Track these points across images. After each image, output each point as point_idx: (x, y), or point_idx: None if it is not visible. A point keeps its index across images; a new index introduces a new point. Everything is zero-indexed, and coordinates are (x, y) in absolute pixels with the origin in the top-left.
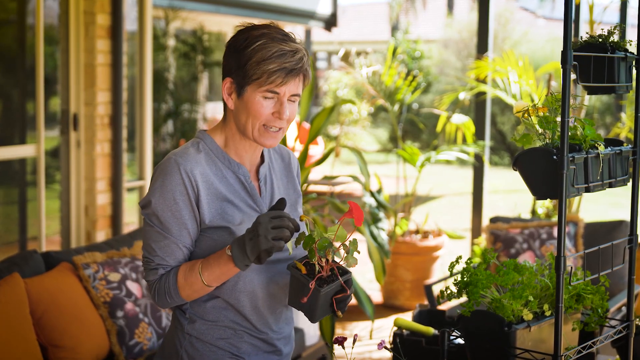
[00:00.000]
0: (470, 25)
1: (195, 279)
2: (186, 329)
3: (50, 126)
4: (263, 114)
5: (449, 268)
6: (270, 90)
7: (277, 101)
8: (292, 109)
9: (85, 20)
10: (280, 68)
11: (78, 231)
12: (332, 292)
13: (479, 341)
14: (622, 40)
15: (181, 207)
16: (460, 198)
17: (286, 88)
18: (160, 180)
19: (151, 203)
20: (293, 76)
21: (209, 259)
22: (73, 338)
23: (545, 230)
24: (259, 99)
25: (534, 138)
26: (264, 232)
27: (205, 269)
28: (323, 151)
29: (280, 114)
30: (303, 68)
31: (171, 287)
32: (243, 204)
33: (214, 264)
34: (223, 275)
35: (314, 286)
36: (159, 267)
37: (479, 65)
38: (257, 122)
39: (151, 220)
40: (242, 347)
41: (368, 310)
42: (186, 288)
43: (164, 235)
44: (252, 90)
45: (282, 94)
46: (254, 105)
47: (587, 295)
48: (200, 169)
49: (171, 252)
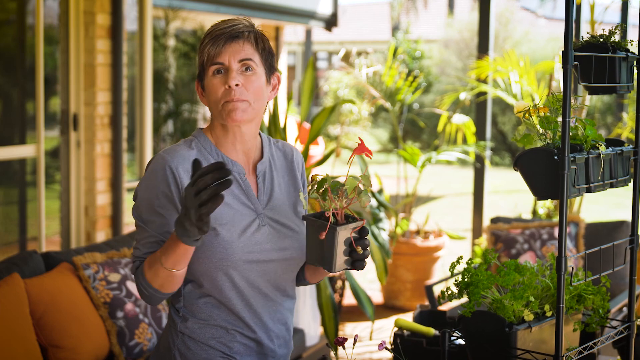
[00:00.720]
0: (471, 25)
1: (158, 266)
2: (179, 328)
3: (50, 126)
4: (217, 90)
5: (450, 268)
6: (213, 63)
7: (225, 72)
8: (247, 80)
9: (85, 20)
10: (212, 37)
11: (78, 231)
12: (349, 234)
13: (480, 342)
14: (623, 40)
15: (163, 203)
16: (461, 198)
17: (227, 56)
18: (146, 175)
19: (137, 198)
20: (229, 41)
21: (165, 244)
22: (73, 338)
23: (546, 230)
24: (211, 79)
25: (535, 138)
26: (190, 203)
27: (163, 254)
28: (324, 151)
29: (227, 79)
30: (242, 35)
31: (141, 277)
32: (235, 202)
33: (169, 247)
34: (181, 256)
35: (330, 221)
36: (136, 260)
37: (480, 65)
38: (217, 103)
39: (135, 214)
40: (234, 347)
41: (368, 311)
42: (154, 278)
43: (145, 229)
44: (207, 77)
45: (226, 63)
46: (209, 88)
47: (588, 295)
48: (187, 166)
49: (149, 246)
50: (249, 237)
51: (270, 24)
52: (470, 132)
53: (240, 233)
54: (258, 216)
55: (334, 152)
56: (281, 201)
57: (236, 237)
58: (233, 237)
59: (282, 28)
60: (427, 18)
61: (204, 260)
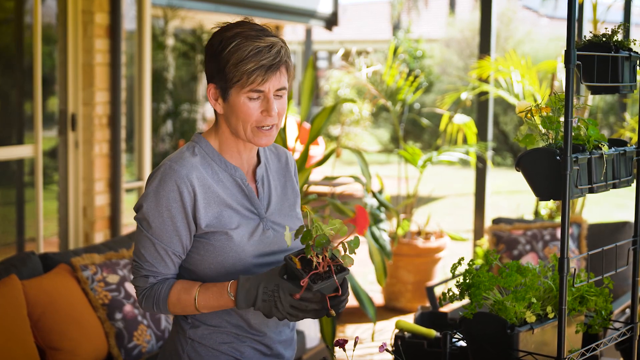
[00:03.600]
0: (473, 24)
1: (189, 303)
2: (188, 334)
3: (48, 126)
4: (252, 115)
5: (451, 270)
6: (253, 90)
7: (264, 99)
8: (281, 104)
9: (83, 19)
10: (259, 66)
11: (76, 232)
12: (328, 290)
13: (482, 344)
14: (626, 40)
15: (174, 214)
16: (463, 199)
17: (269, 84)
18: (154, 185)
19: (143, 208)
20: (273, 71)
21: (208, 290)
22: (71, 340)
23: (549, 231)
24: (245, 100)
25: (537, 138)
26: (282, 307)
27: (202, 297)
28: (324, 152)
29: (268, 111)
30: (282, 61)
31: (161, 300)
32: (241, 207)
33: (212, 297)
34: (219, 309)
35: (306, 283)
36: (149, 276)
37: (481, 65)
38: (247, 124)
39: (142, 225)
40: (245, 352)
41: (369, 312)
42: (176, 306)
43: (153, 241)
44: (235, 93)
45: (266, 91)
46: (242, 108)
47: (590, 297)
48: (197, 173)
49: (161, 260)
50: (257, 241)
51: (271, 23)
52: (471, 132)
53: (249, 237)
54: (262, 220)
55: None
56: (280, 204)
57: (246, 241)
58: (244, 241)
59: (282, 27)
60: (428, 17)
61: (216, 266)
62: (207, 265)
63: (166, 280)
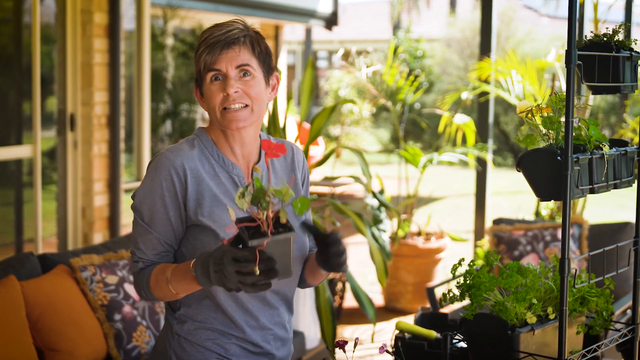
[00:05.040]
0: (473, 24)
1: (165, 286)
2: (175, 329)
3: (47, 126)
4: (215, 97)
5: (452, 270)
6: (210, 69)
7: (223, 79)
8: (247, 86)
9: (82, 18)
10: (208, 45)
11: (75, 233)
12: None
13: (482, 345)
14: (627, 39)
15: (167, 203)
16: (463, 199)
17: (224, 62)
18: (150, 174)
19: (140, 196)
20: (225, 48)
21: (178, 270)
22: (70, 341)
23: (549, 232)
24: (208, 85)
25: (537, 138)
26: (228, 274)
27: (174, 279)
28: (324, 152)
29: (225, 87)
30: (238, 41)
31: (145, 284)
32: (234, 204)
33: (181, 277)
34: (190, 289)
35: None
36: (139, 261)
37: (481, 66)
38: (215, 108)
39: (137, 213)
40: (230, 349)
41: (370, 313)
42: (158, 290)
43: (147, 229)
44: (204, 83)
45: (223, 70)
46: (206, 93)
47: (591, 298)
48: (191, 164)
49: (153, 247)
50: None
51: (270, 23)
52: (471, 132)
53: None
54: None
55: (334, 153)
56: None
57: None
58: None
59: (282, 27)
60: (428, 17)
61: None
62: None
63: (150, 266)
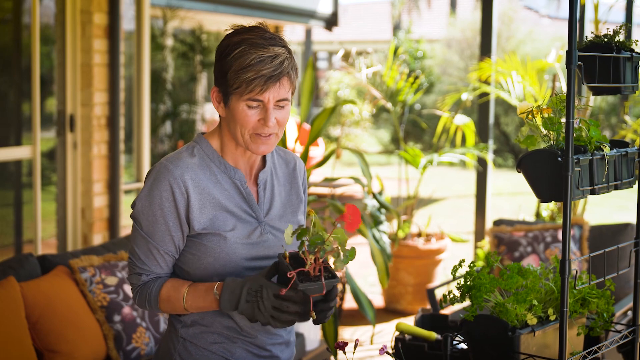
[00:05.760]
0: (474, 25)
1: (178, 302)
2: (180, 333)
3: (47, 127)
4: (249, 122)
5: (452, 272)
6: (252, 98)
7: (262, 108)
8: (281, 114)
9: (82, 19)
10: (258, 76)
11: (74, 234)
12: (313, 292)
13: (483, 346)
14: (627, 40)
15: (166, 214)
16: (464, 200)
17: (268, 95)
18: (149, 184)
19: (138, 207)
20: (273, 82)
21: (196, 290)
22: (69, 343)
23: (550, 233)
24: (243, 108)
25: (538, 139)
26: (264, 308)
27: (190, 297)
28: (324, 153)
29: (265, 120)
30: (284, 72)
31: (152, 298)
32: (238, 210)
33: (200, 297)
34: (206, 309)
35: (294, 277)
36: (142, 273)
37: (482, 67)
38: (245, 131)
39: (136, 223)
40: (235, 352)
41: (369, 315)
42: (166, 304)
43: (147, 240)
44: (235, 99)
45: (265, 101)
46: (240, 115)
47: (592, 299)
48: (192, 174)
49: (153, 259)
50: (253, 244)
51: (270, 24)
52: (471, 133)
53: (245, 240)
54: (260, 224)
55: (334, 154)
56: (282, 210)
57: (240, 245)
58: (237, 243)
59: (282, 27)
60: (429, 17)
61: (206, 266)
62: (199, 265)
63: (158, 279)
